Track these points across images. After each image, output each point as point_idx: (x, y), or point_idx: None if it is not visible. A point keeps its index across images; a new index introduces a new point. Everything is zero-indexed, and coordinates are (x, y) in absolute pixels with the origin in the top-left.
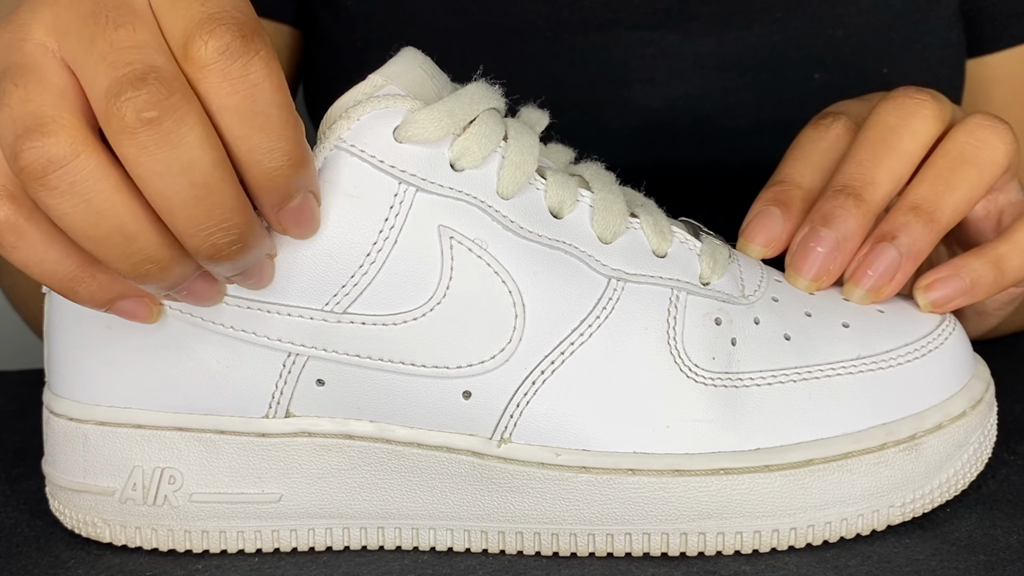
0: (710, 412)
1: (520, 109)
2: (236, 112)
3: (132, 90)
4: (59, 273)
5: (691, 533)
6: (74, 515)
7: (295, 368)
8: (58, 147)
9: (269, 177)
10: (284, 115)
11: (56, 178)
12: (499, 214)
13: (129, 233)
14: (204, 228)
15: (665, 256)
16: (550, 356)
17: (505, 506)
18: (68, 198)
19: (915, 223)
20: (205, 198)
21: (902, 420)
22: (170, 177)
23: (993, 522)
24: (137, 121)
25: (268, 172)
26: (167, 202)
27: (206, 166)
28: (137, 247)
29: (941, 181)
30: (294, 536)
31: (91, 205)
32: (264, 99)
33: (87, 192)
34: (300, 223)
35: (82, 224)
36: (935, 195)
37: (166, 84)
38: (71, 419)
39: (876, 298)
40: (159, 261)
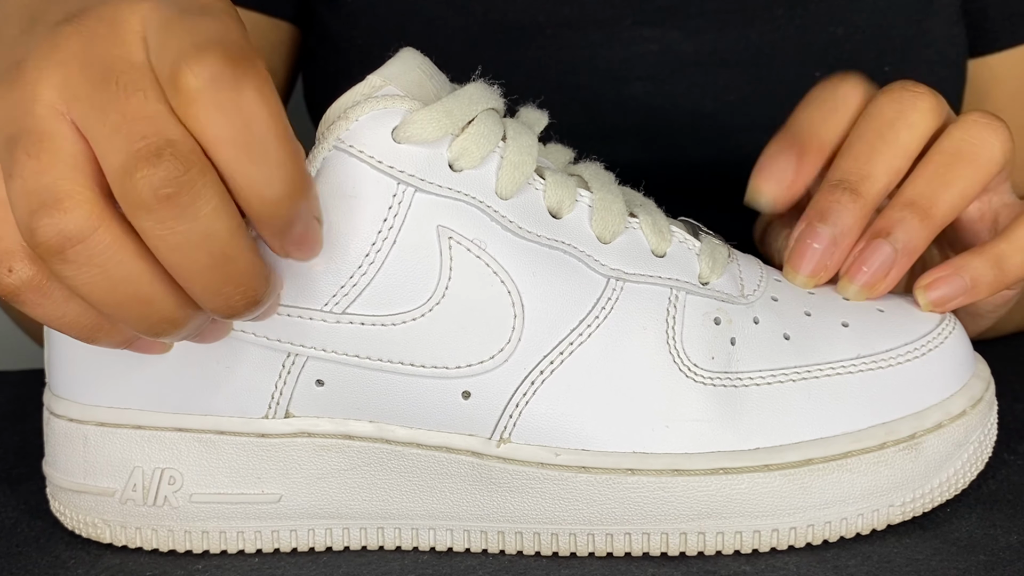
0: (709, 412)
1: (519, 109)
2: (231, 144)
3: (148, 167)
4: (80, 324)
5: (691, 533)
6: (74, 515)
7: (294, 368)
8: (75, 223)
9: (268, 209)
10: (282, 143)
11: (74, 253)
12: (498, 214)
13: (145, 298)
14: (222, 294)
15: (664, 256)
16: (549, 356)
17: (505, 506)
18: (86, 270)
19: (910, 219)
20: (223, 266)
21: (902, 419)
22: (188, 249)
23: (993, 522)
24: (154, 198)
25: (268, 203)
26: (186, 272)
27: (223, 236)
28: (153, 310)
29: (937, 178)
30: (294, 536)
31: (108, 275)
32: (260, 128)
33: (104, 264)
34: (302, 248)
35: (99, 293)
36: (931, 191)
37: (182, 159)
38: (71, 420)
39: (870, 294)
40: (175, 321)
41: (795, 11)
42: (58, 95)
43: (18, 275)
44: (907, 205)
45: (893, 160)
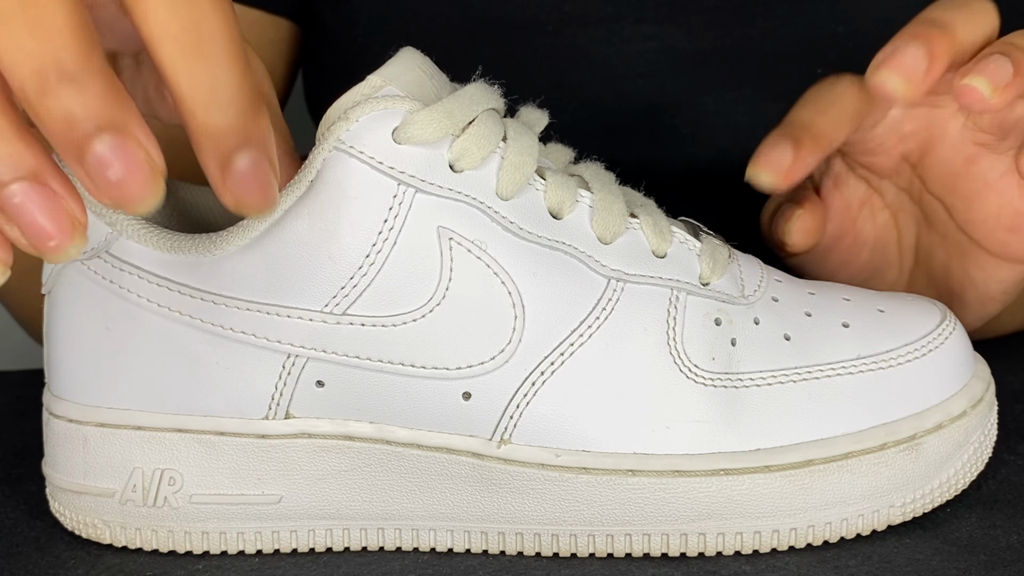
0: (710, 413)
1: (519, 109)
2: (177, 40)
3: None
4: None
5: (691, 534)
6: (74, 516)
7: (295, 369)
8: None
9: (212, 118)
10: (233, 49)
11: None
12: (498, 215)
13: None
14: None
15: (665, 256)
16: (550, 357)
17: (505, 507)
18: None
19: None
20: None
21: (902, 420)
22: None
23: (993, 522)
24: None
25: (211, 111)
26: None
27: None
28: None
29: None
30: (294, 537)
31: None
32: (209, 28)
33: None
34: (250, 190)
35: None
36: None
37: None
38: (71, 421)
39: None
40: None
41: (797, 9)
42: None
43: None
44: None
45: (978, 21)
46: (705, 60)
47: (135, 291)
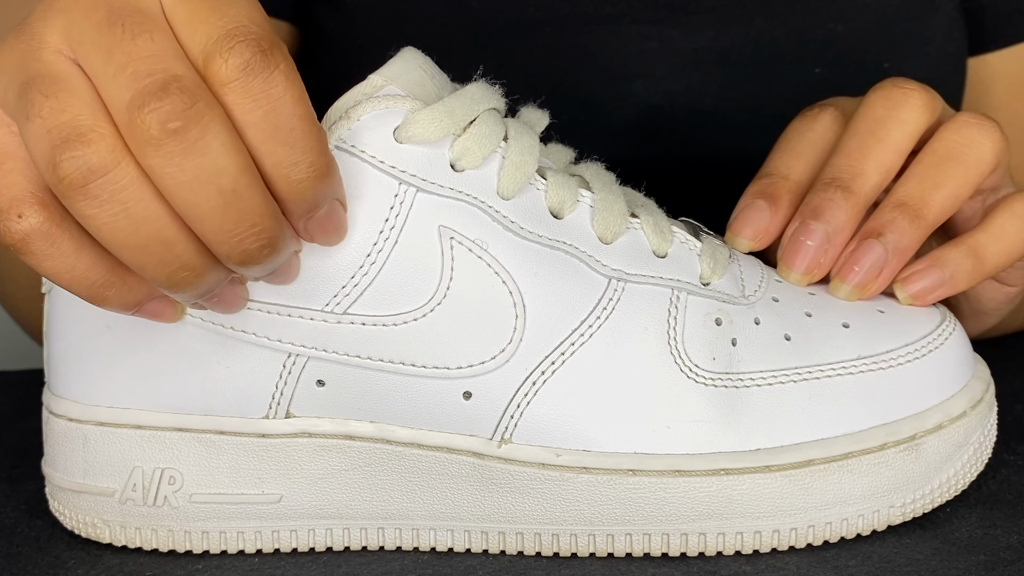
0: (710, 412)
1: (520, 109)
2: (259, 127)
3: (155, 101)
4: (90, 279)
5: (691, 533)
6: (74, 516)
7: (295, 369)
8: (98, 156)
9: (295, 189)
10: (307, 127)
11: (97, 187)
12: (499, 214)
13: (167, 241)
14: (234, 235)
15: (665, 256)
16: (550, 356)
17: (505, 506)
18: (108, 207)
19: (901, 220)
20: (234, 204)
21: (902, 420)
22: (198, 186)
23: (993, 522)
24: (162, 132)
25: (294, 184)
26: (196, 211)
27: (233, 172)
28: (174, 255)
29: (928, 178)
30: (294, 536)
31: (130, 214)
32: (286, 113)
33: (127, 201)
34: (327, 231)
35: (122, 234)
36: (922, 192)
37: (189, 93)
38: (71, 420)
39: (862, 294)
40: (195, 268)
41: (795, 8)
42: (62, 39)
43: (28, 221)
44: (898, 206)
45: (884, 157)
46: (703, 60)
47: None
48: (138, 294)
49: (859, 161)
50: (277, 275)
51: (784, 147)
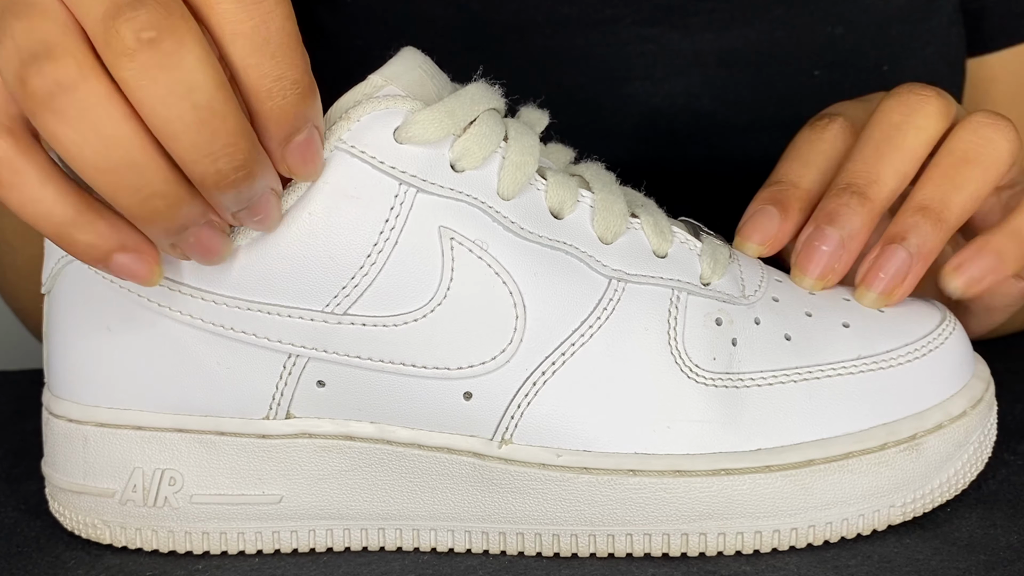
0: (711, 412)
1: (520, 109)
2: (248, 39)
3: (130, 11)
4: (55, 215)
5: (692, 533)
6: (74, 516)
7: (295, 369)
8: (66, 71)
9: (279, 105)
10: (293, 44)
11: (65, 102)
12: (500, 215)
13: (137, 164)
14: (208, 153)
15: (666, 256)
16: (551, 357)
17: (506, 507)
18: (76, 125)
19: (924, 224)
20: (208, 121)
21: (903, 420)
22: (172, 100)
23: (993, 522)
24: (136, 42)
25: (278, 100)
26: (170, 127)
27: (208, 88)
28: (145, 180)
29: (947, 180)
30: (294, 537)
31: (99, 133)
32: (276, 27)
33: (96, 118)
34: (306, 160)
35: (91, 154)
36: (942, 195)
37: (163, 5)
38: (71, 420)
39: (889, 301)
40: (167, 196)
41: (794, 10)
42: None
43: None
44: (919, 210)
45: (900, 164)
46: (702, 62)
47: (135, 291)
48: (108, 241)
49: (875, 167)
50: (255, 211)
51: (794, 155)
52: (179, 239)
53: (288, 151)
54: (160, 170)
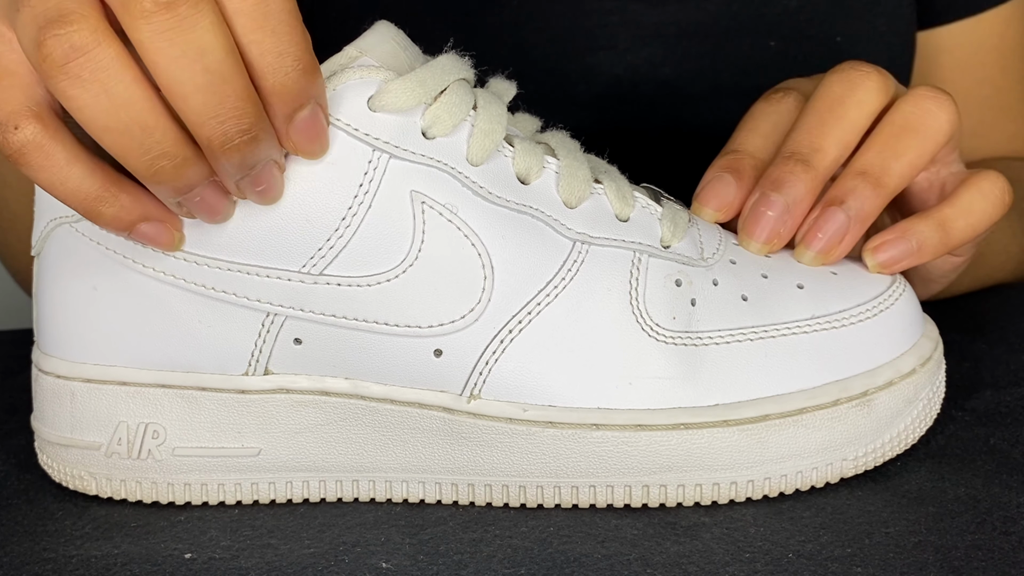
0: (671, 369)
1: (488, 79)
2: (249, 15)
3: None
4: (83, 192)
5: (652, 485)
6: (62, 469)
7: (273, 327)
8: (80, 35)
9: (281, 80)
10: (294, 22)
11: (78, 66)
12: (469, 180)
13: (147, 125)
14: (216, 115)
15: (627, 220)
16: (518, 316)
17: (474, 460)
18: (89, 87)
19: (863, 188)
20: (218, 84)
21: (855, 377)
22: (184, 61)
23: (942, 475)
24: (154, 5)
25: (279, 75)
26: (180, 88)
27: (219, 53)
28: (154, 140)
29: (887, 148)
30: (272, 488)
31: (111, 95)
32: (276, 5)
33: (107, 81)
34: (310, 137)
35: (103, 115)
36: (882, 161)
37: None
38: (59, 376)
39: (826, 260)
40: (174, 157)
41: None
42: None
43: (23, 133)
44: (859, 174)
45: (842, 134)
46: (664, 33)
47: (121, 252)
48: (132, 212)
49: (818, 137)
50: (258, 182)
51: (749, 126)
52: (185, 198)
53: (292, 128)
54: (168, 131)
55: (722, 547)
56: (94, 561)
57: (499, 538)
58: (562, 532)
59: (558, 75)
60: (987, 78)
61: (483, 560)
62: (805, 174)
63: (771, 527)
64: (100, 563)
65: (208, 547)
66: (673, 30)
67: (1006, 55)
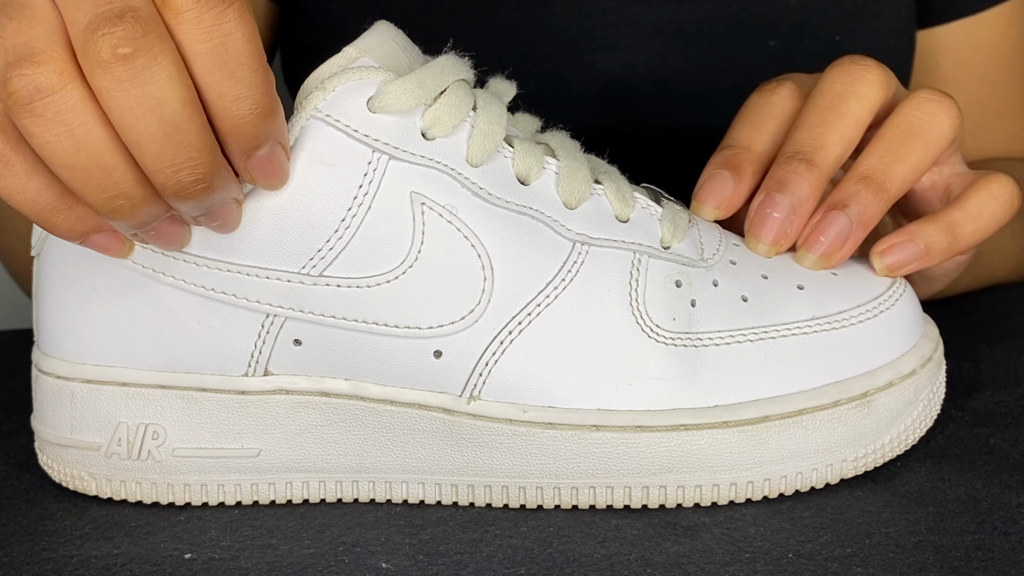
0: (671, 371)
1: (488, 80)
2: (208, 59)
3: (109, 26)
4: (39, 203)
5: (652, 486)
6: (62, 469)
7: (273, 328)
8: (46, 76)
9: (237, 124)
10: (254, 65)
11: (42, 106)
12: (468, 181)
13: (106, 166)
14: (171, 165)
15: (627, 221)
16: (517, 317)
17: (474, 460)
18: (52, 127)
19: (865, 192)
20: (173, 135)
21: (855, 378)
22: (141, 112)
23: (941, 475)
24: (112, 56)
25: (236, 119)
26: (137, 137)
27: (176, 104)
28: (112, 181)
29: (890, 153)
30: (272, 489)
31: (72, 136)
32: (235, 48)
33: (70, 122)
34: (268, 173)
35: (62, 154)
36: (884, 166)
37: (142, 23)
38: (59, 377)
39: (827, 264)
40: (131, 197)
41: None
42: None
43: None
44: (862, 179)
45: (845, 131)
46: (662, 32)
47: None
48: (85, 224)
49: (821, 135)
50: (214, 218)
51: (745, 119)
52: (141, 231)
53: (249, 164)
54: (126, 173)
55: (722, 547)
56: (94, 561)
57: (499, 538)
58: (562, 532)
59: (558, 75)
60: (987, 77)
61: (483, 560)
62: (809, 173)
63: (771, 527)
64: (100, 563)
65: (208, 547)
66: (672, 30)
67: (1006, 55)
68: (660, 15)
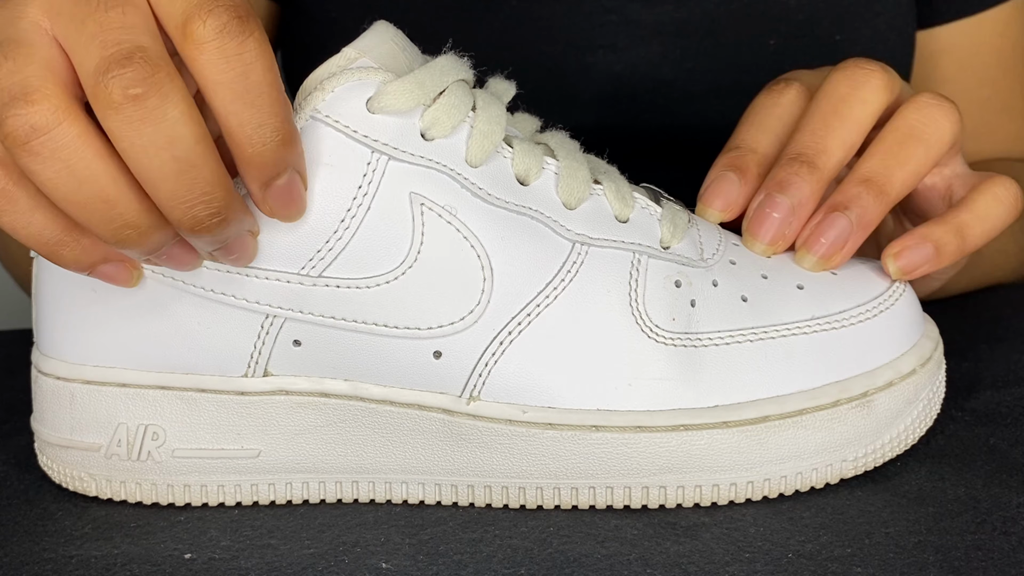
0: (670, 371)
1: (487, 80)
2: (229, 88)
3: (119, 68)
4: (44, 237)
5: (652, 487)
6: (61, 470)
7: (272, 329)
8: (40, 115)
9: (258, 152)
10: (274, 94)
11: (39, 144)
12: (468, 181)
13: (109, 199)
14: (186, 201)
15: (627, 221)
16: (517, 317)
17: (474, 461)
18: (51, 164)
19: (866, 195)
20: (187, 172)
21: (854, 378)
22: (154, 151)
23: (941, 475)
24: (123, 97)
25: (257, 147)
26: (151, 175)
27: (188, 141)
28: (117, 212)
29: (891, 156)
30: (272, 490)
31: (72, 172)
32: (256, 77)
33: (68, 158)
34: (286, 203)
35: (64, 190)
36: (885, 169)
37: (151, 63)
38: (58, 378)
39: (827, 265)
40: (138, 227)
41: None
42: (42, 12)
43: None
44: (863, 181)
45: (847, 135)
46: (662, 31)
47: None
48: (92, 255)
49: (823, 138)
50: (230, 251)
51: (751, 121)
52: (152, 257)
53: (268, 194)
54: (131, 203)
55: (722, 547)
56: (94, 561)
57: (499, 538)
58: (562, 532)
59: (558, 75)
60: (987, 78)
61: (483, 560)
62: (810, 175)
63: (771, 527)
64: (100, 563)
65: (208, 547)
66: (672, 29)
67: (1006, 55)
68: (660, 14)
